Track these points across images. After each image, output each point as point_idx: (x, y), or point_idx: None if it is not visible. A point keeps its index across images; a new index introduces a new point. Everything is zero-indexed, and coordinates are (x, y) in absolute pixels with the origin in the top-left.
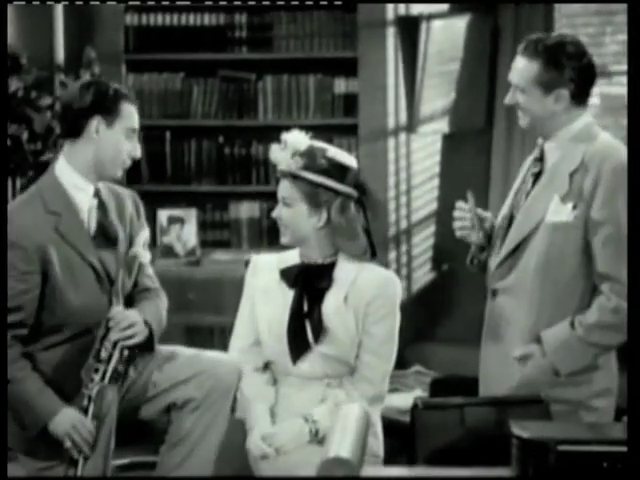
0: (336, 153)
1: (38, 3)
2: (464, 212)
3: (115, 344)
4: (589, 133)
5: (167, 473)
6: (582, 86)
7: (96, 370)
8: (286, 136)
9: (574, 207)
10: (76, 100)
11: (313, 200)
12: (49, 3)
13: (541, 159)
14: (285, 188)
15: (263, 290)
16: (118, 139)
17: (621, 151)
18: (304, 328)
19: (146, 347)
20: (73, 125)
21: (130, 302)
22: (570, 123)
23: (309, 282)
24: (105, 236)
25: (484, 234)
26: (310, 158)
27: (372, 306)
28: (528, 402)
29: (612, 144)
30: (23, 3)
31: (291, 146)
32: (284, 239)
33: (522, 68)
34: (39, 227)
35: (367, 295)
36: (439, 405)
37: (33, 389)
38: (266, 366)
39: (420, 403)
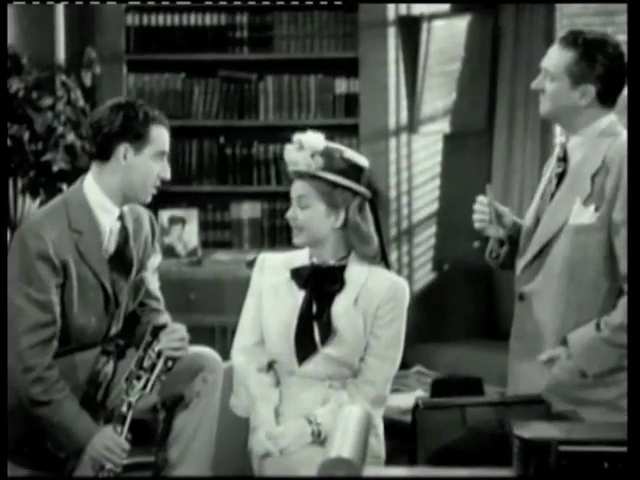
0: (352, 154)
1: (38, 3)
2: (483, 206)
3: (159, 354)
4: (611, 133)
5: (165, 473)
6: (610, 87)
7: (138, 378)
8: (301, 136)
9: (596, 209)
10: (105, 123)
11: (331, 201)
12: (49, 3)
13: (564, 159)
14: (301, 188)
15: (271, 289)
16: (147, 164)
17: None
18: (312, 329)
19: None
20: (101, 148)
21: (132, 316)
22: (593, 121)
23: (320, 283)
24: (121, 261)
25: (503, 229)
26: (329, 158)
27: (382, 310)
28: (529, 402)
29: None
30: (23, 3)
31: (309, 146)
32: (298, 240)
33: (556, 55)
34: (63, 242)
35: (378, 298)
36: (440, 405)
37: (72, 411)
38: (269, 366)
39: (421, 403)
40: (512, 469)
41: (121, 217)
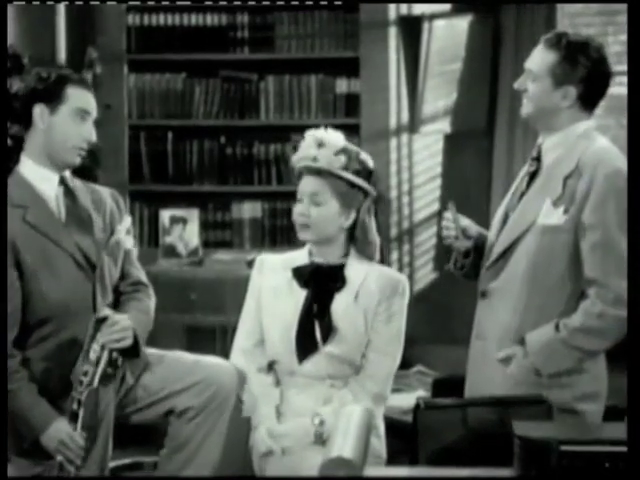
0: (366, 155)
1: (38, 3)
2: (449, 222)
3: (103, 346)
4: (587, 137)
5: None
6: (592, 90)
7: (85, 373)
8: (321, 133)
9: (565, 211)
10: (20, 89)
11: (346, 200)
12: (49, 3)
13: (538, 158)
14: (316, 185)
15: (271, 289)
16: (65, 123)
17: (616, 157)
18: (313, 328)
19: (131, 352)
20: (21, 115)
21: (118, 296)
22: (571, 124)
23: (321, 282)
24: (78, 221)
25: (468, 240)
26: (348, 158)
27: (382, 305)
28: (530, 402)
29: (608, 150)
30: (23, 3)
31: (331, 144)
32: (306, 235)
33: (539, 56)
34: (9, 222)
35: (378, 295)
36: (441, 405)
37: (27, 401)
38: (269, 366)
39: (422, 403)
40: (513, 469)
41: (62, 182)
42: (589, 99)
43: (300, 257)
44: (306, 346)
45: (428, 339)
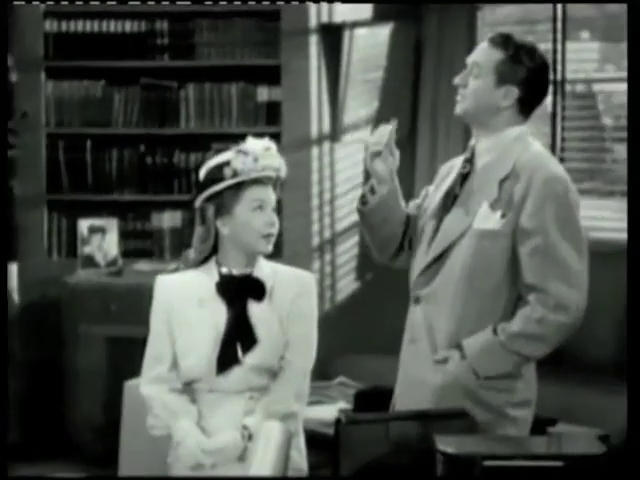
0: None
1: (38, 3)
2: (386, 131)
3: None
4: (523, 142)
5: None
6: (531, 94)
7: None
8: (266, 142)
9: (503, 215)
10: None
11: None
12: (49, 3)
13: (471, 160)
14: (272, 194)
15: (183, 309)
16: None
17: (553, 163)
18: (235, 341)
19: None
20: None
21: None
22: (508, 126)
23: (241, 292)
24: None
25: (387, 168)
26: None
27: (295, 304)
28: (453, 416)
29: (544, 155)
30: (23, 3)
31: (276, 151)
32: (270, 247)
33: (485, 52)
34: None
35: (289, 295)
36: (363, 420)
37: None
38: (185, 386)
39: (344, 418)
40: None
41: None
42: (527, 103)
43: (204, 271)
44: (227, 360)
45: (350, 349)
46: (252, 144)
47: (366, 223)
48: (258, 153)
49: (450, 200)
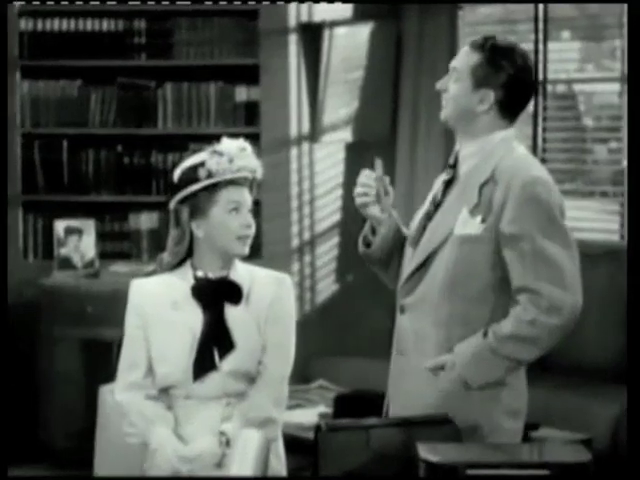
0: None
1: (38, 3)
2: (370, 180)
3: None
4: (506, 146)
5: None
6: (512, 97)
7: None
8: (241, 143)
9: (483, 220)
10: None
11: None
12: (49, 3)
13: (454, 166)
14: (247, 195)
15: (159, 313)
16: None
17: (534, 166)
18: (212, 346)
19: None
20: None
21: None
22: (489, 132)
23: (217, 296)
24: None
25: (384, 211)
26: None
27: (272, 307)
28: (436, 423)
29: (525, 159)
30: (23, 3)
31: (252, 152)
32: (246, 249)
33: (464, 56)
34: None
35: (267, 297)
36: (344, 427)
37: None
38: (161, 393)
39: (324, 425)
40: None
41: None
42: (509, 106)
43: (179, 275)
44: (203, 366)
45: (330, 352)
46: (227, 145)
47: (373, 261)
48: (233, 154)
49: (433, 208)
